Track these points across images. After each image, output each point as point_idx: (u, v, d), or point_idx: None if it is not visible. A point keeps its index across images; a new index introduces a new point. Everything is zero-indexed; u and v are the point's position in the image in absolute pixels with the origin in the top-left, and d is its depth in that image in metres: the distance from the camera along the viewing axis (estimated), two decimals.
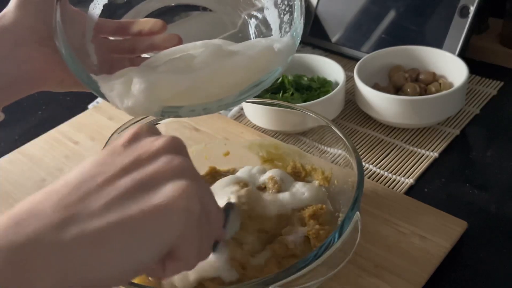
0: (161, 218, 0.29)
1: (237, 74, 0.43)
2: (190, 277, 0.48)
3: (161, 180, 0.30)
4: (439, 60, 0.77)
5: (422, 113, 0.70)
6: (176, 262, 0.31)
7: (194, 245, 0.31)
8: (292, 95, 0.76)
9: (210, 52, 0.44)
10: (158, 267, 0.31)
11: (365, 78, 0.74)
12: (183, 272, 0.36)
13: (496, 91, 0.80)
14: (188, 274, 0.48)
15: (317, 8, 0.97)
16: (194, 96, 0.42)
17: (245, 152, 0.66)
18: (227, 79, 0.43)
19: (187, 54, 0.46)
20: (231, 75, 0.43)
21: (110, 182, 0.30)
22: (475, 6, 0.79)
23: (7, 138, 0.88)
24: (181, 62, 0.45)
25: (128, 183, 0.30)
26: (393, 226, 0.57)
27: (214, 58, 0.44)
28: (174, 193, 0.30)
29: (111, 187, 0.30)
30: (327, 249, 0.43)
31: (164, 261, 0.31)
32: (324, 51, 0.96)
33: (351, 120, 0.78)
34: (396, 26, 0.87)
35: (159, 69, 0.44)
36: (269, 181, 0.58)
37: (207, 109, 0.42)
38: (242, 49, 0.45)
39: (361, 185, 0.48)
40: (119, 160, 0.31)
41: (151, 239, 0.29)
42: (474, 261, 0.54)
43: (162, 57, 0.47)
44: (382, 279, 0.52)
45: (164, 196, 0.29)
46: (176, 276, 0.49)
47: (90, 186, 0.29)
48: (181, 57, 0.46)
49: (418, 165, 0.68)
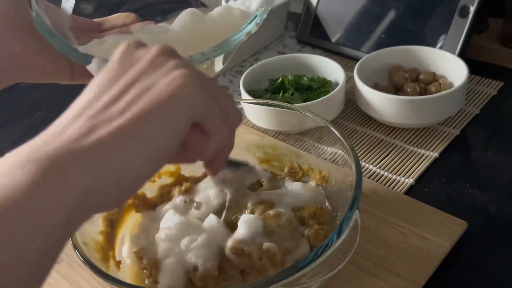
0: (170, 103, 0.32)
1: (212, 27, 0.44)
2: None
3: (163, 75, 0.33)
4: (439, 60, 0.77)
5: (422, 113, 0.70)
6: (211, 136, 0.35)
7: (214, 113, 0.34)
8: (292, 95, 0.76)
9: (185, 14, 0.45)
10: (201, 143, 0.35)
11: (365, 78, 0.74)
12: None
13: (496, 91, 0.80)
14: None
15: (317, 8, 0.97)
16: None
17: (242, 153, 0.66)
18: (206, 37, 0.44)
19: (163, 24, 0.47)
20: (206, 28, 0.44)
21: (119, 95, 0.32)
22: (475, 6, 0.79)
23: (7, 138, 0.88)
24: (158, 27, 0.47)
25: (135, 90, 0.32)
26: (393, 226, 0.57)
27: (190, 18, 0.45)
28: (178, 79, 0.33)
29: (121, 98, 0.32)
30: (327, 249, 0.43)
31: (204, 140, 0.35)
32: (324, 51, 0.96)
33: (351, 120, 0.78)
34: (396, 26, 0.87)
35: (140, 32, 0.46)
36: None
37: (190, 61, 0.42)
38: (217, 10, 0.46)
39: (359, 185, 0.48)
40: (119, 75, 0.34)
41: (168, 122, 0.32)
42: (474, 261, 0.54)
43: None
44: (382, 279, 0.52)
45: (169, 83, 0.32)
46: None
47: (101, 104, 0.32)
48: (158, 25, 0.48)
49: (418, 165, 0.68)
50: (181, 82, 0.32)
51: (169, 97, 0.32)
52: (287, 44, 1.03)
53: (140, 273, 0.51)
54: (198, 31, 0.44)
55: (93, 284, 0.56)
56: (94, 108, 0.32)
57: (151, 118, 0.31)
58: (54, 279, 0.58)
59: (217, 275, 0.49)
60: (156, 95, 0.32)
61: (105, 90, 0.33)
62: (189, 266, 0.49)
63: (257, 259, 0.48)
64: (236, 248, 0.49)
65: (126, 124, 0.31)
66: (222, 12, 0.45)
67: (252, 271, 0.49)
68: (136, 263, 0.52)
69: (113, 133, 0.30)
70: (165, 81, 0.33)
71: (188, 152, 0.35)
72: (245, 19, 0.45)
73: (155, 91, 0.32)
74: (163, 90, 0.32)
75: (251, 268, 0.49)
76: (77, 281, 0.57)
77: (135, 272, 0.52)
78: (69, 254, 0.60)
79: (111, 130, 0.30)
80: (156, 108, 0.31)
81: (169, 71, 0.33)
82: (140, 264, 0.51)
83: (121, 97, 0.32)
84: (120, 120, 0.31)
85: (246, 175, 0.58)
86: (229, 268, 0.49)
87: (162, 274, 0.49)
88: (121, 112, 0.31)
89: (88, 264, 0.45)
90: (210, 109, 0.34)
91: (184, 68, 0.34)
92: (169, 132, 0.32)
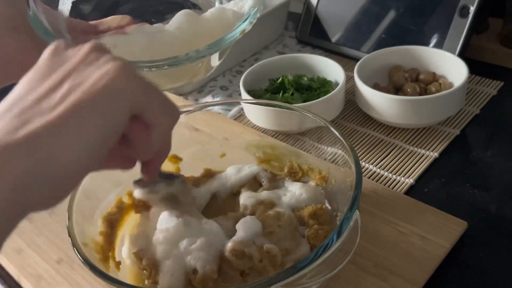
0: (106, 94, 0.31)
1: (206, 27, 0.45)
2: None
3: (96, 69, 0.32)
4: (439, 60, 0.77)
5: (422, 113, 0.70)
6: (152, 128, 0.34)
7: (153, 104, 0.34)
8: (292, 95, 0.76)
9: (180, 14, 0.46)
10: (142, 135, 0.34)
11: (365, 78, 0.74)
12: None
13: (496, 91, 0.80)
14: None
15: (317, 8, 0.97)
16: (166, 51, 0.43)
17: (241, 153, 0.66)
18: (201, 37, 0.44)
19: (159, 24, 0.48)
20: (201, 28, 0.45)
21: (50, 91, 0.32)
22: (475, 6, 0.79)
23: None
24: (153, 28, 0.47)
25: (67, 85, 0.32)
26: (393, 226, 0.57)
27: (185, 19, 0.45)
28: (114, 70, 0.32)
29: (53, 93, 0.31)
30: (327, 249, 0.43)
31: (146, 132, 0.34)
32: (324, 51, 0.96)
33: (351, 120, 0.78)
34: (396, 26, 0.87)
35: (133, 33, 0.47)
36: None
37: (180, 59, 0.42)
38: (211, 11, 0.47)
39: (359, 184, 0.48)
40: (49, 73, 0.33)
41: (103, 114, 0.31)
42: (474, 261, 0.54)
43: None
44: (382, 279, 0.52)
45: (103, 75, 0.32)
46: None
47: (31, 99, 0.31)
48: (153, 26, 0.48)
49: (418, 165, 0.68)
50: (115, 74, 0.32)
51: (104, 89, 0.31)
52: (287, 44, 1.03)
53: (139, 273, 0.51)
54: (193, 30, 0.45)
55: (93, 284, 0.56)
56: (25, 103, 0.31)
57: (85, 110, 0.31)
58: (54, 279, 0.58)
59: (217, 277, 0.49)
60: (89, 87, 0.31)
61: (36, 87, 0.32)
62: (189, 268, 0.49)
63: (257, 260, 0.48)
64: (236, 250, 0.49)
65: (59, 116, 0.30)
66: (216, 13, 0.46)
67: (252, 272, 0.49)
68: (136, 264, 0.52)
69: (46, 126, 0.29)
70: (98, 73, 0.32)
71: (131, 149, 0.35)
72: (238, 19, 0.45)
73: (89, 83, 0.31)
74: (97, 83, 0.31)
75: (251, 269, 0.49)
76: (77, 281, 0.57)
77: (135, 272, 0.52)
78: (69, 254, 0.60)
79: (43, 123, 0.30)
80: (90, 100, 0.31)
81: (102, 65, 0.33)
82: (140, 265, 0.51)
83: (53, 92, 0.32)
84: (52, 113, 0.30)
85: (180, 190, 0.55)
86: (229, 269, 0.49)
87: (162, 275, 0.49)
88: (54, 106, 0.30)
89: (88, 264, 0.45)
90: (148, 100, 0.33)
91: (118, 61, 0.33)
92: (105, 124, 0.31)
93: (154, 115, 0.34)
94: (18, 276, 0.60)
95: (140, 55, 0.43)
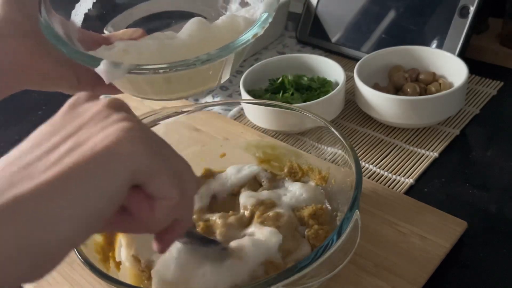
0: (104, 159, 0.28)
1: (217, 33, 0.45)
2: None
3: (102, 129, 0.29)
4: (439, 60, 0.77)
5: (422, 113, 0.70)
6: (156, 201, 0.30)
7: (161, 174, 0.30)
8: (292, 95, 0.76)
9: (191, 22, 0.46)
10: (145, 210, 0.30)
11: (365, 78, 0.74)
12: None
13: (496, 91, 0.80)
14: None
15: (317, 8, 0.97)
16: (176, 56, 0.43)
17: (241, 153, 0.66)
18: (211, 45, 0.44)
19: (170, 32, 0.48)
20: (212, 35, 0.45)
21: (51, 149, 0.29)
22: (475, 6, 0.79)
23: (7, 138, 0.88)
24: (164, 35, 0.47)
25: (69, 144, 0.29)
26: (393, 226, 0.57)
27: (196, 27, 0.45)
28: (118, 132, 0.29)
29: (52, 152, 0.28)
30: (327, 249, 0.43)
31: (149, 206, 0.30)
32: (324, 51, 0.96)
33: (351, 120, 0.78)
34: (396, 26, 0.87)
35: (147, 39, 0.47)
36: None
37: (190, 61, 0.42)
38: (222, 19, 0.47)
39: (359, 184, 0.48)
40: (59, 129, 0.30)
41: (99, 181, 0.27)
42: (474, 261, 0.54)
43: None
44: (382, 279, 0.52)
45: (106, 137, 0.28)
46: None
47: (30, 157, 0.28)
48: (164, 33, 0.48)
49: (418, 165, 0.68)
50: (120, 136, 0.28)
51: (102, 152, 0.28)
52: (287, 44, 1.03)
53: (139, 274, 0.51)
54: (204, 37, 0.45)
55: (94, 284, 0.56)
56: (22, 162, 0.28)
57: (79, 175, 0.27)
58: (54, 279, 0.58)
59: None
60: (88, 149, 0.28)
61: (41, 143, 0.29)
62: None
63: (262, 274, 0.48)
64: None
65: (49, 180, 0.26)
66: (227, 20, 0.46)
67: None
68: (135, 266, 0.52)
69: (33, 190, 0.26)
70: (102, 134, 0.29)
71: (133, 221, 0.31)
72: (249, 25, 0.45)
73: (89, 145, 0.28)
74: (98, 144, 0.28)
75: None
76: (77, 281, 0.57)
77: (135, 273, 0.52)
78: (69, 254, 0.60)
79: (31, 187, 0.26)
80: (85, 164, 0.27)
81: (110, 124, 0.29)
82: (139, 267, 0.51)
83: (52, 151, 0.28)
84: (43, 176, 0.27)
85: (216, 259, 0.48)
86: None
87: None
88: (48, 168, 0.27)
89: (88, 265, 0.45)
90: (155, 169, 0.29)
91: (128, 121, 0.30)
92: (100, 193, 0.27)
93: (159, 187, 0.30)
94: None
95: (150, 59, 0.43)
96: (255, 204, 0.55)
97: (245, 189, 0.60)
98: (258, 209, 0.55)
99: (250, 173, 0.62)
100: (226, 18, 0.47)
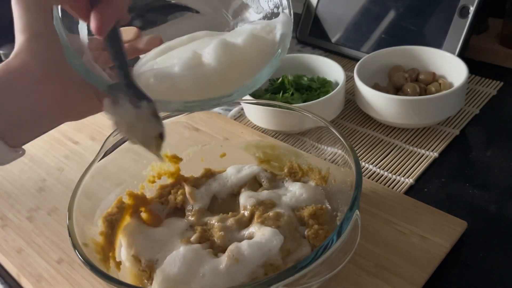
0: None
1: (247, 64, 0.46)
2: None
3: None
4: (439, 60, 0.77)
5: (422, 113, 0.70)
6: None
7: None
8: (292, 95, 0.76)
9: (217, 46, 0.45)
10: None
11: (365, 78, 0.74)
12: None
13: (496, 91, 0.80)
14: None
15: (317, 8, 0.97)
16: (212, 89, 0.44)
17: (241, 153, 0.66)
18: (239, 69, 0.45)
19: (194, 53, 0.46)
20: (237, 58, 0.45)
21: None
22: (475, 6, 0.79)
23: None
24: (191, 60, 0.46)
25: None
26: (393, 226, 0.57)
27: (223, 51, 0.45)
28: None
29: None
30: (327, 249, 0.43)
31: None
32: (324, 51, 0.96)
33: (351, 120, 0.78)
34: (396, 26, 0.87)
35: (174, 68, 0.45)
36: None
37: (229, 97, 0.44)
38: (244, 39, 0.47)
39: (359, 184, 0.48)
40: None
41: None
42: (474, 261, 0.54)
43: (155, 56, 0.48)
44: (382, 279, 0.52)
45: None
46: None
47: None
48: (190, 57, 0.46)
49: (418, 165, 0.68)
50: None
51: None
52: None
53: (140, 274, 0.51)
54: (232, 61, 0.45)
55: (94, 284, 0.56)
56: None
57: None
58: (55, 279, 0.58)
59: None
60: None
61: None
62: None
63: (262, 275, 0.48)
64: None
65: None
66: (249, 40, 0.46)
67: None
68: (135, 266, 0.52)
69: None
70: None
71: None
72: (272, 46, 0.47)
73: None
74: None
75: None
76: (77, 281, 0.57)
77: (135, 273, 0.52)
78: (69, 254, 0.60)
79: None
80: None
81: None
82: (139, 267, 0.51)
83: None
84: None
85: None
86: None
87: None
88: None
89: (88, 265, 0.45)
90: None
91: None
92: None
93: None
94: (18, 275, 0.60)
95: (186, 93, 0.43)
96: (255, 204, 0.55)
97: (245, 189, 0.60)
98: (258, 209, 0.55)
99: (250, 173, 0.62)
100: (248, 38, 0.46)
